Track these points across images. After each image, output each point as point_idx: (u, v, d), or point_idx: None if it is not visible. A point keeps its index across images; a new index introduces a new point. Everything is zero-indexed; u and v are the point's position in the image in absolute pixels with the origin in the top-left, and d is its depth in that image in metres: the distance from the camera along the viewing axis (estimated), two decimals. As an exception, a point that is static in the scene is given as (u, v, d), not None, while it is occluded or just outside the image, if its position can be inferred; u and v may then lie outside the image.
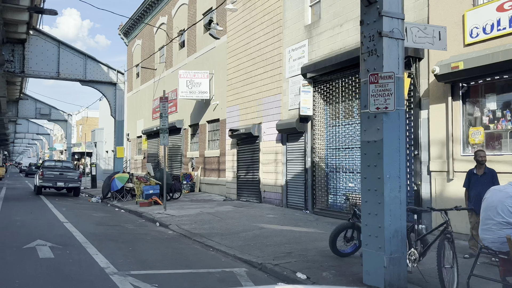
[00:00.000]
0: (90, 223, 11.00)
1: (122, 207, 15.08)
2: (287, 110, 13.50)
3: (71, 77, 17.64)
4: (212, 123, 19.13)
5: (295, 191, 13.05)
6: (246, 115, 15.73)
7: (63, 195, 20.71)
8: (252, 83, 15.38)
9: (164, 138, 12.87)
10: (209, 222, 10.94)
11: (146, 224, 11.51)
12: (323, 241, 8.23)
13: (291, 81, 13.31)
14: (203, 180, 19.52)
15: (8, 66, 16.61)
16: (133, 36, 30.36)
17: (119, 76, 18.52)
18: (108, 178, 17.54)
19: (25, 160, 71.41)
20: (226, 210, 13.09)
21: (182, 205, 14.58)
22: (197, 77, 18.51)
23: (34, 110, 33.02)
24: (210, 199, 16.84)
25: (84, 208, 15.01)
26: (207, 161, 19.25)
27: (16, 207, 14.42)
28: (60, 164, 21.48)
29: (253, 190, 15.21)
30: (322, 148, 12.22)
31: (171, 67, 23.71)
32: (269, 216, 11.71)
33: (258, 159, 14.91)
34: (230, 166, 16.83)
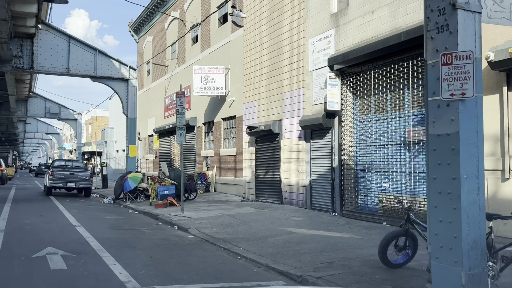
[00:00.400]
0: (104, 227, 10.25)
1: (136, 209, 14.34)
2: (311, 105, 12.65)
3: (81, 73, 16.95)
4: (227, 120, 18.33)
5: (320, 191, 12.20)
6: (265, 111, 14.90)
7: (73, 196, 20.06)
8: (271, 77, 14.54)
9: (181, 135, 12.10)
10: (231, 225, 10.14)
11: (163, 227, 10.74)
12: (364, 249, 7.39)
13: (315, 74, 12.46)
14: (218, 180, 18.73)
15: (16, 62, 15.96)
16: (144, 33, 29.68)
17: (131, 72, 17.79)
18: (120, 178, 16.83)
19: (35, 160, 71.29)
20: (246, 212, 12.28)
21: (199, 207, 13.80)
22: (212, 73, 17.72)
23: (44, 109, 32.50)
24: (227, 200, 16.04)
25: (96, 210, 14.29)
26: (222, 160, 18.46)
27: (25, 209, 13.74)
28: (70, 164, 20.83)
29: (273, 190, 14.39)
30: (350, 145, 11.35)
31: (184, 63, 22.96)
32: (294, 218, 10.88)
33: (278, 158, 14.08)
34: (247, 165, 16.02)
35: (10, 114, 31.15)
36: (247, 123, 15.99)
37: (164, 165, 15.90)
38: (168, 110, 25.35)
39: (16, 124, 40.30)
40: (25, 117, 33.47)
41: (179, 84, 24.05)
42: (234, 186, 17.35)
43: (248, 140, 15.99)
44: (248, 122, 15.98)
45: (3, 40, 13.03)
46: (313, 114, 12.37)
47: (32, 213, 12.47)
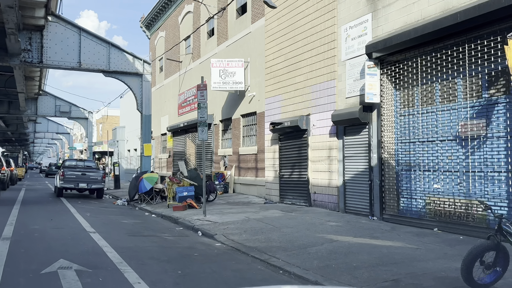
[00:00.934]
0: (121, 233, 9.26)
1: (153, 212, 13.36)
2: (343, 98, 11.56)
3: (93, 68, 16.00)
4: (247, 117, 17.29)
5: (356, 193, 11.09)
6: (290, 107, 13.83)
7: (85, 197, 19.17)
8: (297, 69, 13.46)
9: (202, 132, 11.07)
10: (261, 231, 9.08)
11: (186, 233, 9.72)
12: (427, 262, 6.30)
13: (349, 64, 11.36)
14: (237, 180, 17.70)
15: (25, 56, 15.06)
16: (156, 28, 28.76)
17: (146, 67, 16.82)
18: (135, 178, 15.87)
19: (45, 160, 70.83)
20: (274, 215, 11.22)
21: (221, 209, 12.77)
22: (231, 66, 16.69)
23: (54, 108, 31.71)
24: (249, 201, 15.00)
25: (110, 213, 13.33)
26: (242, 159, 17.43)
27: (34, 212, 12.83)
28: (82, 164, 19.94)
29: (300, 191, 13.31)
30: (391, 141, 10.23)
31: (199, 58, 21.96)
32: (331, 223, 9.79)
33: (306, 156, 12.99)
34: (270, 164, 14.96)
35: (20, 113, 30.40)
36: (270, 120, 14.93)
37: (182, 164, 14.90)
38: (182, 108, 24.39)
39: (26, 123, 39.63)
40: (35, 116, 32.69)
41: (193, 80, 23.16)
42: (255, 187, 16.30)
43: (271, 137, 14.93)
44: (270, 118, 14.92)
45: (11, 31, 12.11)
46: (346, 107, 11.27)
47: (42, 217, 11.53)
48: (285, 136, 14.10)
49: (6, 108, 30.06)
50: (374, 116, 10.57)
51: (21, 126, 42.87)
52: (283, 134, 14.17)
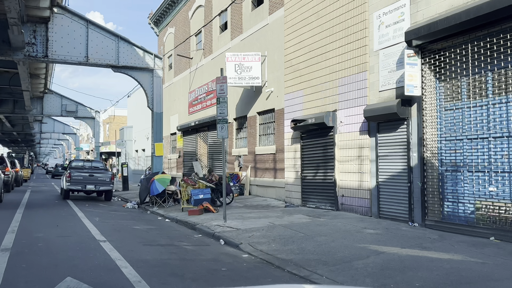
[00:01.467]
0: (134, 242, 8.28)
1: (166, 216, 12.38)
2: (376, 91, 10.51)
3: (101, 62, 15.08)
4: (264, 114, 16.28)
5: (392, 196, 10.04)
6: (313, 102, 12.80)
7: (93, 199, 18.25)
8: (321, 62, 12.44)
9: (222, 129, 10.06)
10: (292, 240, 8.07)
11: (206, 241, 8.72)
12: (504, 281, 5.25)
13: (383, 54, 10.31)
14: (253, 181, 16.70)
15: (29, 50, 14.17)
16: (165, 25, 27.84)
17: (156, 61, 15.87)
18: (146, 180, 14.91)
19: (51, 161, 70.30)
20: (301, 221, 10.19)
21: (240, 213, 11.76)
22: (247, 60, 15.69)
23: (60, 107, 30.88)
24: (268, 204, 13.99)
25: (120, 217, 12.37)
26: (258, 159, 16.42)
27: (39, 216, 11.90)
28: (89, 164, 19.03)
29: (325, 194, 12.27)
30: (434, 139, 9.18)
31: (211, 54, 20.99)
32: (368, 231, 8.75)
33: (332, 156, 11.96)
34: (291, 165, 13.94)
35: (25, 112, 29.60)
36: (290, 117, 13.92)
37: (197, 164, 13.93)
38: (193, 106, 23.44)
39: (32, 123, 38.92)
40: (41, 115, 31.90)
41: (204, 77, 22.20)
42: (273, 189, 15.28)
43: (291, 136, 13.91)
44: (290, 115, 13.91)
45: (13, 20, 11.20)
46: (380, 102, 10.23)
47: (47, 223, 10.59)
48: (308, 134, 13.07)
49: (11, 107, 29.28)
50: (413, 111, 9.52)
51: (26, 127, 42.19)
52: (306, 132, 13.15)
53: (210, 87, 20.84)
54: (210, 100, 20.92)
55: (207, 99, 21.32)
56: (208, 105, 21.15)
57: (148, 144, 32.50)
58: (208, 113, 20.98)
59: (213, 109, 20.58)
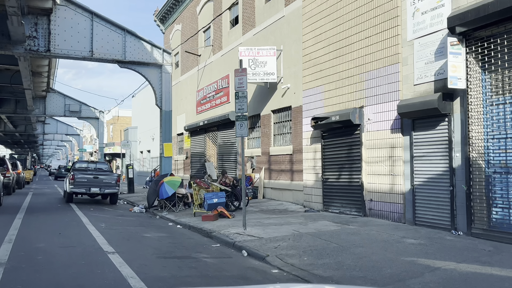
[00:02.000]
0: (147, 254, 7.33)
1: (178, 221, 11.42)
2: (410, 85, 9.54)
3: (107, 57, 14.15)
4: (279, 112, 15.31)
5: (430, 201, 9.05)
6: (336, 99, 11.84)
7: (98, 203, 17.33)
8: (345, 55, 11.48)
9: (241, 127, 9.10)
10: (325, 252, 7.10)
11: (227, 252, 7.75)
12: None
13: (418, 43, 9.34)
14: (267, 183, 15.73)
15: (30, 44, 13.26)
16: (171, 21, 26.95)
17: (165, 57, 14.93)
18: (154, 182, 13.98)
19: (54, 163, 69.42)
20: (329, 229, 9.21)
21: (258, 219, 10.80)
22: (261, 55, 14.74)
23: (63, 107, 30.00)
24: (285, 209, 13.03)
25: (128, 223, 11.43)
26: (273, 160, 15.45)
27: (40, 223, 10.97)
28: (94, 166, 18.12)
29: (350, 198, 11.30)
30: (480, 137, 8.19)
31: (220, 50, 20.06)
32: (409, 241, 7.76)
33: (359, 156, 10.98)
34: (310, 166, 12.98)
35: (27, 112, 28.72)
36: (309, 115, 12.97)
37: (210, 166, 12.98)
38: (201, 105, 22.52)
39: (34, 124, 38.04)
40: (43, 115, 31.01)
41: (214, 74, 21.26)
42: (290, 192, 14.31)
43: (311, 135, 12.95)
44: (309, 113, 12.96)
45: (12, 10, 10.30)
46: (417, 96, 9.25)
47: (49, 230, 9.66)
48: (330, 133, 12.11)
49: (13, 107, 28.42)
50: (456, 106, 8.54)
51: (29, 127, 41.35)
52: (328, 131, 12.18)
53: (220, 84, 19.91)
54: (220, 99, 19.99)
55: (217, 97, 20.39)
56: (218, 104, 20.22)
57: (153, 145, 31.59)
58: (218, 112, 20.05)
59: (223, 108, 19.65)
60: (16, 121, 38.69)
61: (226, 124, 18.97)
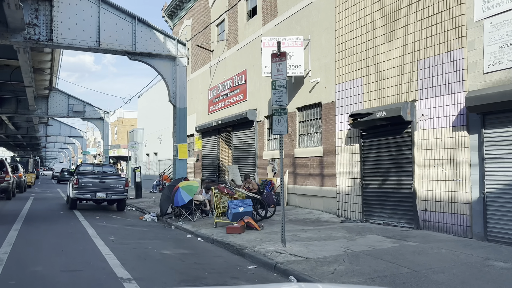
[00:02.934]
0: (171, 280, 5.80)
1: (197, 233, 9.89)
2: (479, 73, 8.01)
3: (115, 48, 12.69)
4: (306, 110, 13.78)
5: (509, 212, 7.49)
6: (379, 92, 10.32)
7: (103, 209, 15.83)
8: (390, 41, 9.97)
9: (280, 122, 7.59)
10: (398, 279, 5.56)
11: (270, 277, 6.21)
12: None
13: (489, 24, 7.81)
14: (292, 189, 14.19)
15: (30, 32, 11.82)
16: (181, 16, 25.51)
17: (179, 48, 13.45)
18: (168, 188, 12.46)
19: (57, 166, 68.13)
20: (385, 246, 7.65)
21: (293, 232, 9.25)
22: (286, 46, 13.22)
23: (66, 107, 28.56)
24: (317, 218, 11.48)
25: (141, 236, 9.90)
26: (298, 163, 13.92)
27: (39, 235, 9.46)
28: (99, 169, 16.63)
29: (399, 207, 9.74)
30: None
31: (236, 45, 18.57)
32: (499, 265, 6.20)
33: (410, 159, 9.43)
34: (345, 170, 11.45)
35: (29, 112, 27.31)
36: (343, 111, 11.47)
37: (235, 169, 11.47)
38: (213, 104, 21.03)
39: (37, 126, 36.66)
40: (46, 116, 29.58)
41: (228, 70, 19.76)
42: (320, 199, 12.76)
43: (346, 134, 11.42)
44: (344, 109, 11.45)
45: (8, -12, 8.85)
46: (488, 87, 7.72)
47: (49, 246, 8.15)
48: (372, 132, 10.57)
49: (14, 107, 27.01)
50: (546, 97, 7.01)
51: (31, 129, 39.97)
52: (369, 130, 10.65)
53: (236, 81, 18.42)
54: (235, 97, 18.50)
55: (232, 95, 18.90)
56: (233, 102, 18.73)
57: (161, 147, 30.12)
58: (233, 111, 18.55)
59: (239, 107, 18.16)
60: (18, 123, 37.32)
61: (243, 124, 17.46)
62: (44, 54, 18.17)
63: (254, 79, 16.82)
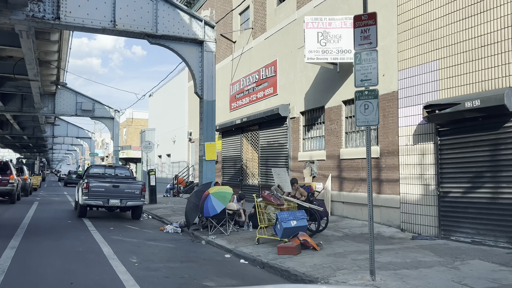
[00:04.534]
0: None
1: (238, 252, 7.88)
2: None
3: (133, 30, 10.77)
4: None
5: None
6: (461, 78, 8.28)
7: (116, 217, 13.89)
8: (481, 12, 7.93)
9: (367, 110, 5.58)
10: None
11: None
12: None
13: None
14: (336, 196, 12.15)
15: (33, 9, 9.94)
16: (198, 7, 23.61)
17: (207, 31, 11.51)
18: (195, 194, 10.45)
19: (64, 168, 66.35)
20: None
21: (363, 253, 7.20)
22: (334, 27, 11.25)
23: (75, 106, 26.74)
24: (377, 233, 9.42)
25: (169, 256, 7.90)
26: (345, 165, 11.88)
27: (41, 257, 7.50)
28: (112, 171, 14.68)
29: (495, 221, 7.67)
30: None
31: (264, 33, 16.61)
32: None
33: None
34: (413, 174, 9.41)
35: (35, 111, 25.50)
36: (410, 103, 9.46)
37: (282, 173, 9.44)
38: (236, 100, 19.07)
39: (43, 126, 34.90)
40: (53, 114, 27.77)
41: (254, 63, 17.74)
42: (375, 209, 10.67)
43: (415, 131, 9.40)
44: (411, 100, 9.44)
45: None
46: None
47: (53, 272, 6.19)
48: (455, 127, 8.53)
49: (19, 105, 25.22)
50: None
51: (37, 129, 38.25)
52: (450, 124, 8.60)
53: (264, 74, 16.44)
54: (263, 91, 16.51)
55: (258, 89, 16.93)
56: (260, 98, 16.75)
57: (174, 148, 28.20)
58: (259, 107, 16.59)
59: (267, 102, 16.17)
60: (24, 122, 35.60)
61: (273, 121, 15.48)
62: (50, 43, 16.29)
63: (287, 70, 14.84)
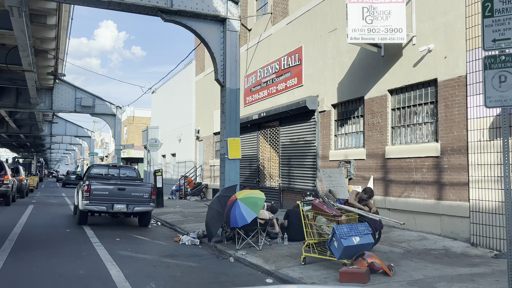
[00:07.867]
0: None
1: (283, 276, 6.11)
2: None
3: (145, 3, 9.01)
4: (406, 92, 9.97)
5: None
6: None
7: (121, 224, 12.13)
8: None
9: (504, 83, 3.73)
10: None
11: None
12: None
13: None
14: (381, 202, 10.36)
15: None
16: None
17: (230, 7, 9.74)
18: (217, 200, 8.65)
19: (62, 168, 64.45)
20: None
21: (443, 281, 5.44)
22: (382, 1, 9.49)
23: (74, 101, 24.95)
24: (444, 248, 7.69)
25: (199, 281, 6.13)
26: (392, 166, 10.11)
27: (31, 283, 5.71)
28: (116, 172, 12.89)
29: None
30: None
31: (286, 17, 14.86)
32: None
33: None
34: (488, 177, 7.68)
35: (31, 106, 23.71)
36: (482, 89, 7.66)
37: (336, 174, 7.65)
38: (251, 94, 17.34)
39: (40, 124, 33.09)
40: (50, 111, 26.03)
41: (273, 51, 15.89)
42: (435, 218, 8.92)
43: (491, 123, 7.66)
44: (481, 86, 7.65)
45: None
46: None
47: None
48: (552, 117, 6.77)
49: (14, 100, 23.42)
50: None
51: (35, 128, 36.44)
52: (546, 114, 6.84)
53: (286, 63, 14.69)
54: (285, 82, 14.76)
55: (279, 81, 15.18)
56: (281, 90, 15.00)
57: (179, 147, 26.42)
58: (280, 101, 14.86)
59: (289, 94, 14.43)
60: (20, 120, 33.78)
61: (297, 115, 13.74)
62: (47, 29, 14.52)
63: (315, 58, 13.09)
